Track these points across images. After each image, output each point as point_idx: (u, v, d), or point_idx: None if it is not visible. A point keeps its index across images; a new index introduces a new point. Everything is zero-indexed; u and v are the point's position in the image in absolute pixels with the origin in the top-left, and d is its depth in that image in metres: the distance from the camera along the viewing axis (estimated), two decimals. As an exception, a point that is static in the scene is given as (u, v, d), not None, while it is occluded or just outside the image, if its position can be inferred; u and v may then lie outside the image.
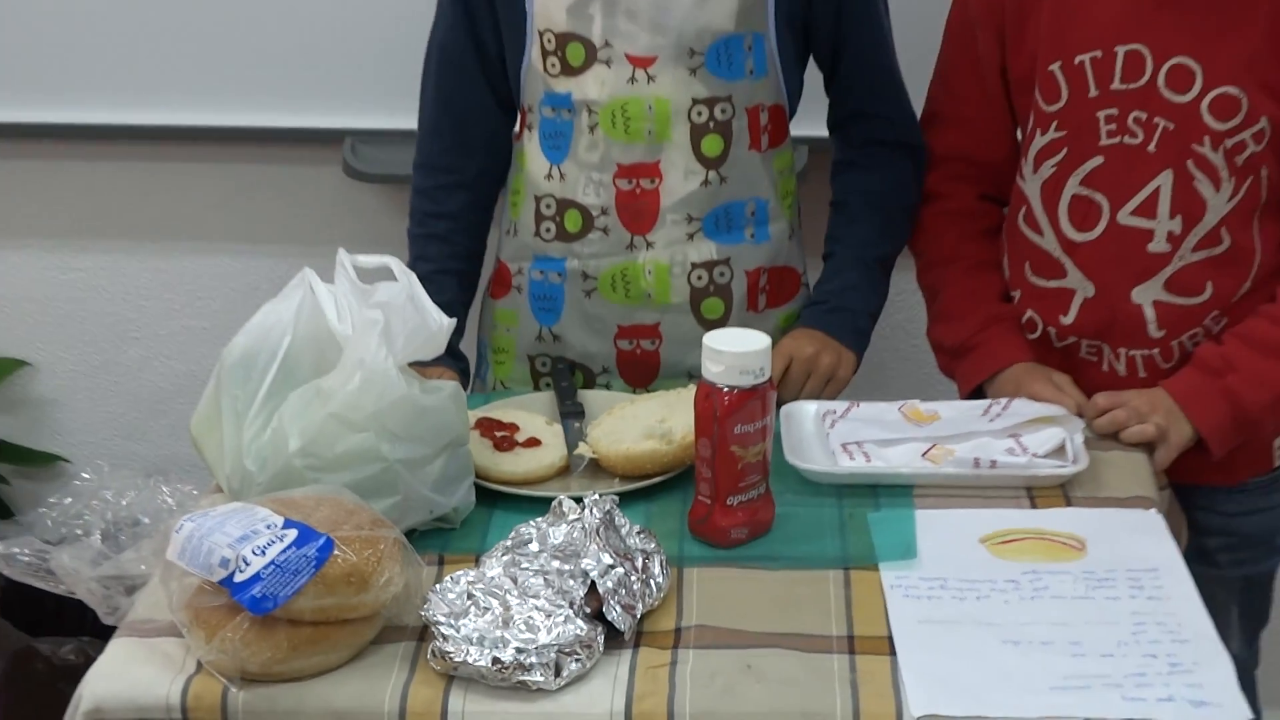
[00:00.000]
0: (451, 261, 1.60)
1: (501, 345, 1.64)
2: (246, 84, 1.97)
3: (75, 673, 1.30)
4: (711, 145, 1.53)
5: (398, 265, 1.29)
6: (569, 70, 1.50)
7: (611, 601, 1.13)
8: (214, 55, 1.97)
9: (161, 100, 1.99)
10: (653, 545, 1.21)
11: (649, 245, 1.53)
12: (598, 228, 1.53)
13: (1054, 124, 1.53)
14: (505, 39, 1.54)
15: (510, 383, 1.64)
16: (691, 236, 1.53)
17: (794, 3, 1.52)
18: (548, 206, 1.56)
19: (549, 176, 1.54)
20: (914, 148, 1.62)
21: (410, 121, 1.70)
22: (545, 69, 1.51)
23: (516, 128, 1.61)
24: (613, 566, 1.15)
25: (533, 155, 1.56)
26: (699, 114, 1.52)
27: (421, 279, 1.30)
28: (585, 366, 1.62)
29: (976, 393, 1.62)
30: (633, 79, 1.49)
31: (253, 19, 1.95)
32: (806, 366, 1.49)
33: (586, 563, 1.16)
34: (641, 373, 1.58)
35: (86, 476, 1.84)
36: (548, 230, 1.57)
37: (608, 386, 1.63)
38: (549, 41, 1.49)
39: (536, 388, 1.64)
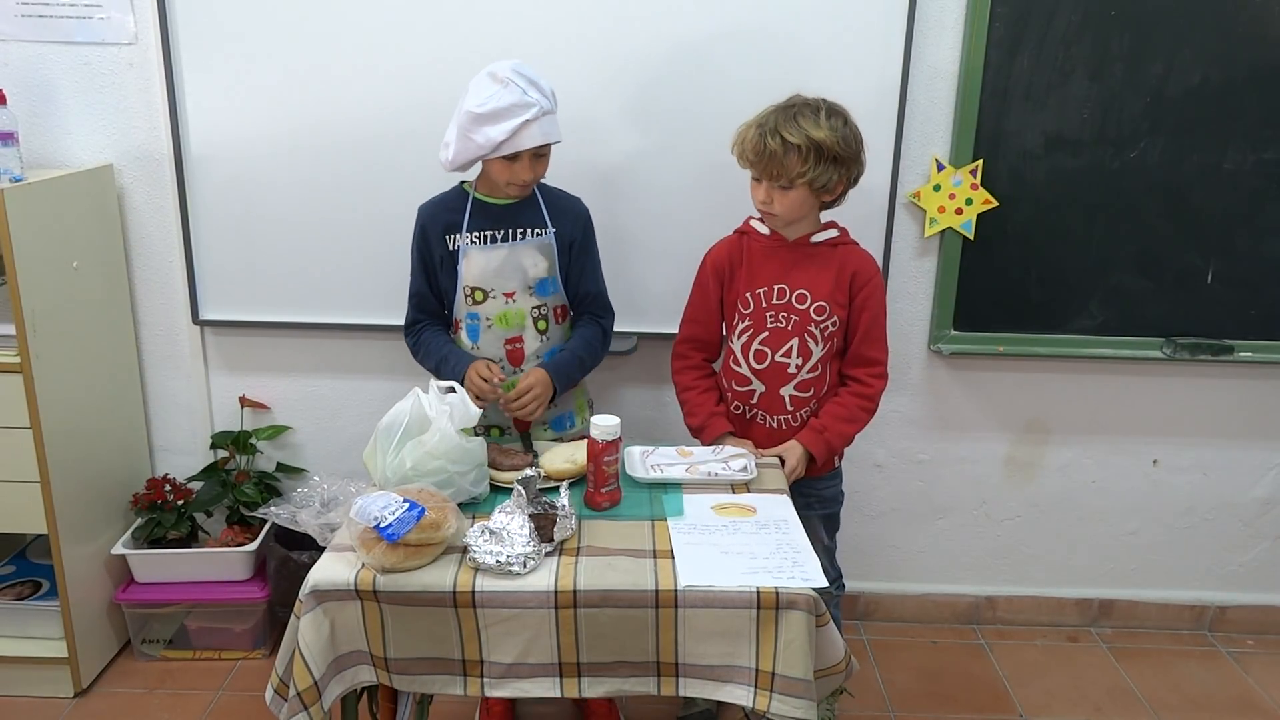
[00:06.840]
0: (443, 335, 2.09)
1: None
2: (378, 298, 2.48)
3: (306, 568, 1.58)
4: (541, 326, 2.12)
5: (457, 385, 1.81)
6: (476, 303, 2.07)
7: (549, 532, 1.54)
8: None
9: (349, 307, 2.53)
10: (568, 508, 1.63)
11: (517, 370, 2.11)
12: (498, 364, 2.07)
13: (747, 319, 2.09)
14: (444, 288, 2.09)
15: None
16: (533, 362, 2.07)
17: (564, 258, 2.09)
18: (476, 354, 2.09)
19: (471, 348, 2.11)
20: (604, 318, 2.17)
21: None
22: (465, 302, 2.07)
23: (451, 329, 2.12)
24: (544, 517, 1.55)
25: (461, 339, 2.11)
26: (535, 313, 2.10)
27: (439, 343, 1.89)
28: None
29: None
30: (505, 302, 2.07)
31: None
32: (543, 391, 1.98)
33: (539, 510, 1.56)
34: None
35: (316, 479, 2.05)
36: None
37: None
38: (468, 290, 2.06)
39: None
